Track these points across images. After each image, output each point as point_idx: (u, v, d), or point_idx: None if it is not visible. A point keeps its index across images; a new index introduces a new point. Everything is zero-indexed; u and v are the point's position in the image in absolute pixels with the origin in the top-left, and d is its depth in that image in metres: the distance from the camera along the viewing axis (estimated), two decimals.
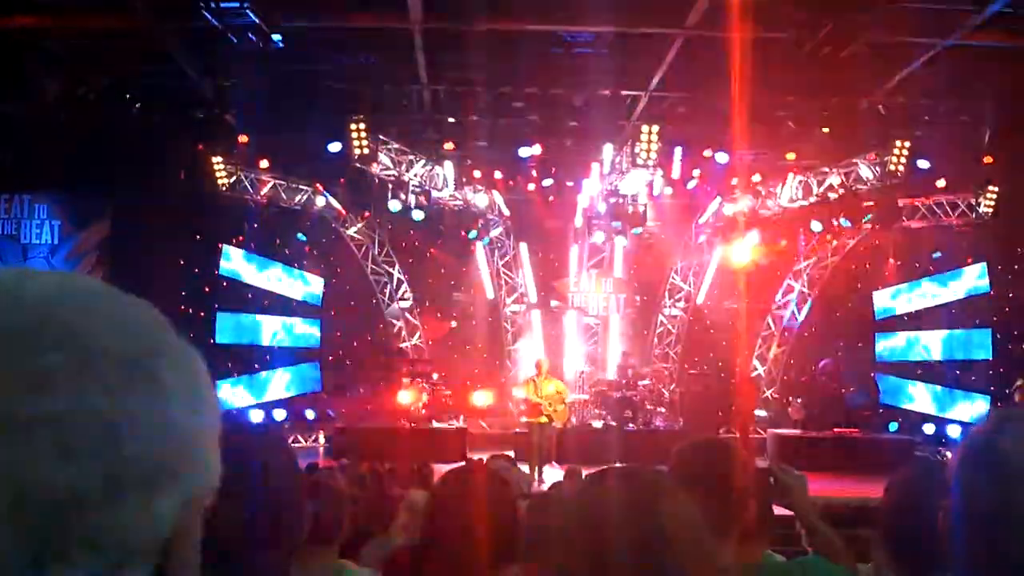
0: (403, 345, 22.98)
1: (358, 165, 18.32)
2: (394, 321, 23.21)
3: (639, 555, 1.61)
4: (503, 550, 2.72)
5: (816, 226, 20.00)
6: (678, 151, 19.09)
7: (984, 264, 21.09)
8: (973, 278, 21.38)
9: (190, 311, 19.32)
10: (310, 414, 22.00)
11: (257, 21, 13.40)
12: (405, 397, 20.24)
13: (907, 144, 18.04)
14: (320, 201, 20.82)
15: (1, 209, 19.12)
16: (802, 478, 3.84)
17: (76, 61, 15.93)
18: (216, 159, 19.17)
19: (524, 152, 19.30)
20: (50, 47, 15.34)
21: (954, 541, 1.66)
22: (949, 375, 21.59)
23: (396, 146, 19.13)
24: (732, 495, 2.71)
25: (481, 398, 21.80)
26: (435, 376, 20.96)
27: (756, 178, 20.61)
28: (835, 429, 19.94)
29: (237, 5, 13.10)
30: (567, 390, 18.33)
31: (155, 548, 0.80)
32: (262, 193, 20.40)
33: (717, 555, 1.70)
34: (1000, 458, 1.58)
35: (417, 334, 23.24)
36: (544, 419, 17.15)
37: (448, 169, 19.81)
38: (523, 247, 22.84)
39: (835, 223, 19.77)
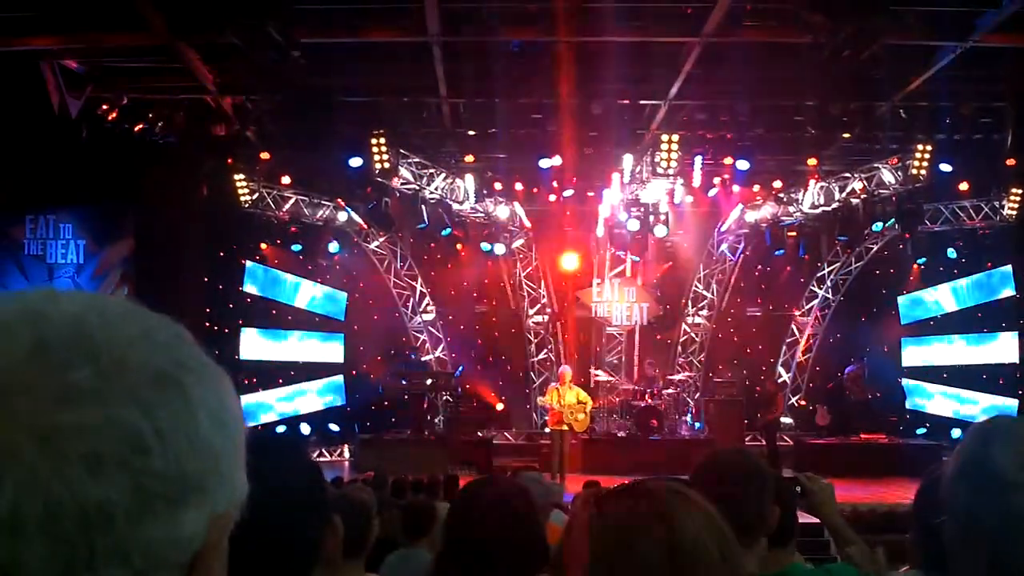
0: (427, 358, 23.00)
1: (379, 180, 18.36)
2: (417, 334, 23.25)
3: (664, 568, 1.61)
4: (526, 560, 2.72)
5: (844, 231, 19.91)
6: (698, 159, 19.05)
7: (1010, 267, 20.98)
8: (998, 281, 21.27)
9: (215, 327, 19.43)
10: (335, 427, 22.05)
11: (277, 37, 13.45)
12: (430, 410, 20.29)
13: (929, 147, 17.95)
14: (342, 216, 20.90)
15: (27, 229, 19.23)
16: (829, 486, 3.84)
17: (96, 79, 16.03)
18: (238, 176, 19.26)
19: (544, 163, 19.30)
20: (70, 65, 15.44)
21: (953, 552, 1.66)
22: (977, 379, 21.47)
23: (417, 160, 19.17)
24: (754, 504, 2.70)
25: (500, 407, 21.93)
26: (459, 388, 20.99)
27: (777, 184, 20.55)
28: (862, 435, 19.87)
29: (257, 22, 13.14)
30: (589, 399, 18.39)
31: (183, 562, 0.80)
32: (284, 209, 20.48)
33: (743, 566, 1.70)
34: (993, 469, 1.58)
35: (441, 346, 23.27)
36: (565, 427, 17.26)
37: (469, 182, 19.85)
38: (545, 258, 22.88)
39: (859, 228, 19.72)
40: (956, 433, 20.99)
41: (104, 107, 16.62)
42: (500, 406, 22.50)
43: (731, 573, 1.63)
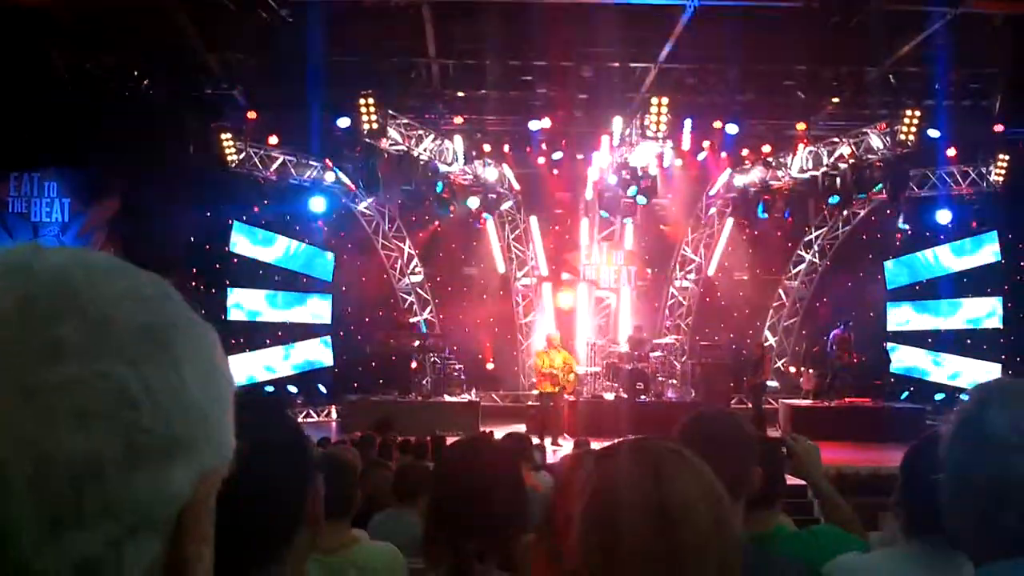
0: (414, 319, 23.00)
1: (367, 140, 18.28)
2: (405, 296, 23.23)
3: (655, 527, 1.62)
4: (511, 522, 2.73)
5: (832, 196, 19.87)
6: (688, 123, 18.99)
7: (995, 232, 21.03)
8: (984, 247, 21.33)
9: (201, 287, 19.38)
10: (322, 388, 22.06)
11: None
12: (417, 371, 20.30)
13: (918, 113, 17.93)
14: (330, 177, 20.82)
15: (11, 187, 19.12)
16: (815, 448, 3.86)
17: (83, 38, 15.89)
18: (225, 135, 19.14)
19: (534, 125, 19.25)
20: (57, 24, 15.30)
21: (950, 514, 1.68)
22: (960, 343, 21.58)
23: (405, 121, 19.08)
24: (737, 466, 2.72)
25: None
26: (447, 350, 21.00)
27: (766, 149, 20.53)
28: (846, 399, 19.97)
29: None
30: (574, 361, 18.65)
31: (170, 518, 0.80)
32: (272, 169, 20.38)
33: (737, 528, 1.71)
34: (988, 430, 1.59)
35: (429, 308, 23.26)
36: (557, 389, 17.39)
37: (458, 143, 19.76)
38: (533, 220, 22.83)
39: (846, 193, 19.71)
40: (939, 397, 21.15)
41: (90, 66, 16.49)
42: (491, 365, 22.54)
43: (722, 535, 1.64)
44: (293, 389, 21.48)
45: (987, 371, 20.76)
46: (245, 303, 21.06)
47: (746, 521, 2.95)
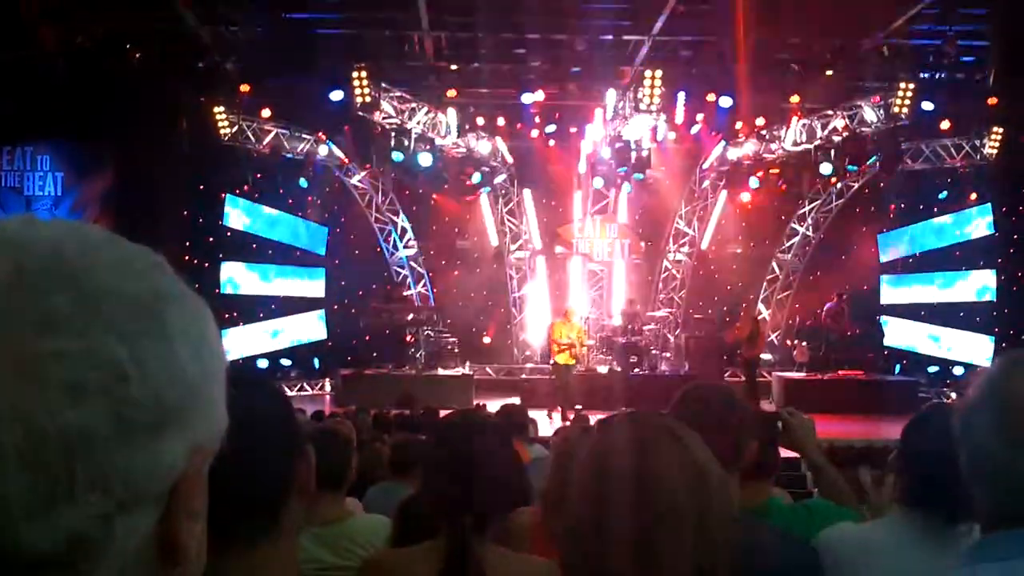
0: (408, 293, 22.99)
1: (361, 113, 18.24)
2: (399, 269, 23.21)
3: (634, 497, 1.64)
4: (504, 495, 2.74)
5: (825, 168, 19.83)
6: (681, 96, 18.96)
7: (989, 205, 21.04)
8: (977, 220, 21.34)
9: (195, 261, 19.36)
10: (316, 362, 22.07)
11: None
12: (411, 344, 20.33)
13: (911, 86, 17.93)
14: (323, 150, 20.77)
15: (4, 161, 19.07)
16: (810, 422, 3.87)
17: (74, 10, 15.80)
18: (218, 108, 19.08)
19: (527, 98, 19.20)
20: None
21: (969, 484, 1.67)
22: (954, 316, 21.62)
23: (398, 94, 19.02)
24: (730, 437, 2.73)
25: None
26: (440, 323, 21.02)
27: (760, 122, 20.50)
28: (840, 372, 20.02)
29: None
30: (584, 335, 18.91)
31: (162, 492, 0.80)
32: (265, 142, 20.31)
33: (725, 506, 1.72)
34: (1010, 401, 1.59)
35: (422, 281, 23.26)
36: (574, 361, 17.54)
37: (451, 116, 19.71)
38: (527, 193, 22.79)
39: (840, 165, 19.70)
40: (933, 370, 21.21)
41: (81, 39, 16.40)
42: (487, 339, 22.55)
43: (701, 508, 1.65)
44: (287, 363, 21.48)
45: (980, 344, 20.83)
46: (238, 277, 21.03)
47: (740, 494, 2.97)
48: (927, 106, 18.58)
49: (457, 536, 2.61)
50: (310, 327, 22.61)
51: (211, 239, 20.32)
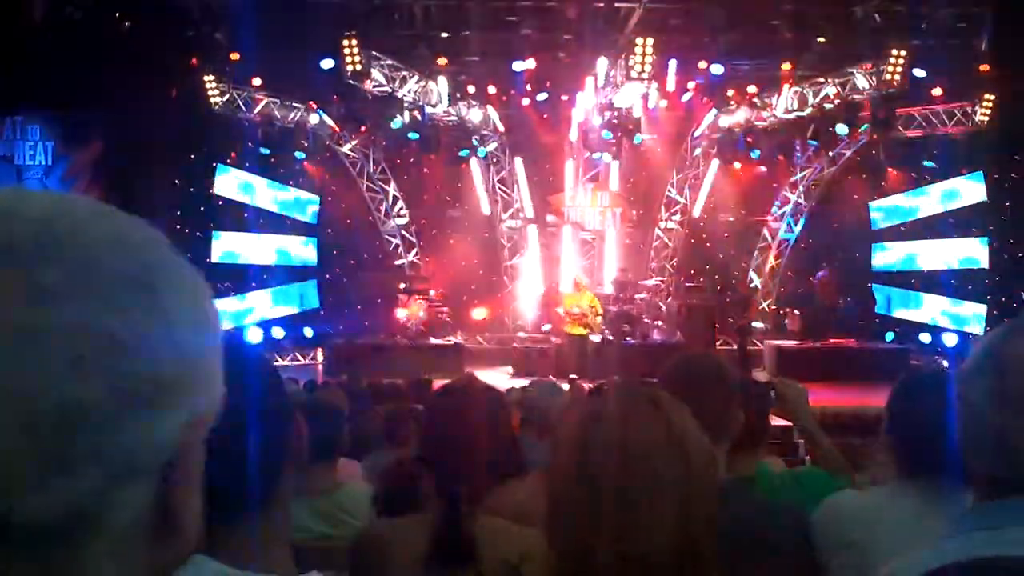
0: (400, 262, 22.98)
1: (351, 82, 18.17)
2: (390, 238, 23.19)
3: (618, 465, 1.65)
4: (500, 465, 2.75)
5: (817, 136, 19.80)
6: (673, 63, 18.92)
7: (981, 173, 21.02)
8: (969, 187, 21.33)
9: (186, 230, 19.32)
10: (308, 332, 22.06)
11: None
12: (402, 313, 20.33)
13: (904, 53, 17.88)
14: (314, 119, 20.71)
15: None
16: (803, 391, 3.88)
17: None
18: (208, 77, 19.00)
19: (518, 66, 19.15)
20: None
21: (963, 451, 1.67)
22: (946, 284, 21.64)
23: (389, 62, 18.96)
24: (718, 406, 2.74)
25: (479, 314, 21.98)
26: (432, 292, 21.03)
27: (751, 89, 20.46)
28: (831, 340, 20.05)
29: None
30: (598, 302, 18.84)
31: (158, 465, 0.81)
32: (256, 111, 20.25)
33: (710, 476, 1.73)
34: (1008, 367, 1.58)
35: (414, 250, 23.24)
36: (587, 331, 17.58)
37: (442, 85, 19.65)
38: (518, 162, 22.75)
39: (831, 132, 19.67)
40: (924, 338, 21.26)
41: (70, 9, 16.30)
42: (483, 314, 22.46)
43: (684, 477, 1.66)
44: (279, 332, 21.47)
45: (973, 312, 20.86)
46: (230, 246, 20.98)
47: (730, 463, 2.98)
48: (919, 73, 18.55)
49: (447, 507, 2.61)
50: (302, 296, 22.57)
51: (202, 208, 20.24)
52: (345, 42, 17.34)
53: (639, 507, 1.63)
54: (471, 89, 20.28)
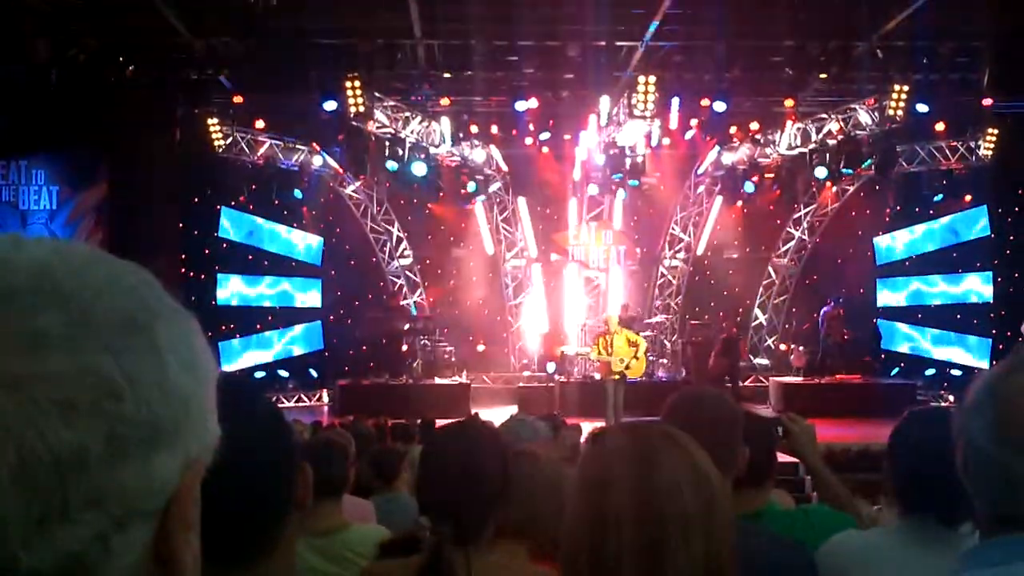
0: (404, 302, 23.01)
1: (354, 123, 18.26)
2: (394, 278, 23.23)
3: (641, 507, 1.63)
4: (498, 505, 2.72)
5: (820, 172, 19.86)
6: (675, 101, 18.99)
7: (985, 207, 21.07)
8: (973, 221, 21.37)
9: (191, 273, 19.39)
10: (314, 372, 22.08)
11: None
12: (408, 354, 20.35)
13: (906, 88, 17.96)
14: (317, 160, 20.82)
15: None
16: (810, 427, 3.86)
17: (66, 22, 15.83)
18: (211, 120, 19.12)
19: (521, 106, 19.23)
20: (39, 8, 15.22)
21: (966, 487, 1.65)
22: (950, 319, 21.64)
23: (392, 103, 19.06)
24: (723, 443, 2.72)
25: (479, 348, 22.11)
26: (437, 332, 21.05)
27: (754, 126, 20.54)
28: (837, 375, 20.04)
29: None
30: (641, 340, 17.65)
31: (157, 508, 0.80)
32: (259, 154, 20.36)
33: (727, 515, 1.72)
34: (1009, 404, 1.57)
35: (418, 291, 23.27)
36: (616, 377, 16.76)
37: (445, 125, 19.76)
38: (522, 201, 22.81)
39: (835, 169, 19.71)
40: (930, 372, 21.23)
41: (74, 51, 16.42)
42: (481, 347, 22.54)
43: (709, 515, 1.65)
44: (284, 374, 21.49)
45: (977, 346, 20.86)
46: (235, 288, 21.03)
47: (736, 500, 2.96)
48: (922, 108, 18.61)
49: (433, 547, 2.59)
50: (306, 338, 22.60)
51: (207, 251, 20.33)
52: (348, 83, 17.44)
53: (669, 546, 1.62)
54: (474, 129, 20.39)
